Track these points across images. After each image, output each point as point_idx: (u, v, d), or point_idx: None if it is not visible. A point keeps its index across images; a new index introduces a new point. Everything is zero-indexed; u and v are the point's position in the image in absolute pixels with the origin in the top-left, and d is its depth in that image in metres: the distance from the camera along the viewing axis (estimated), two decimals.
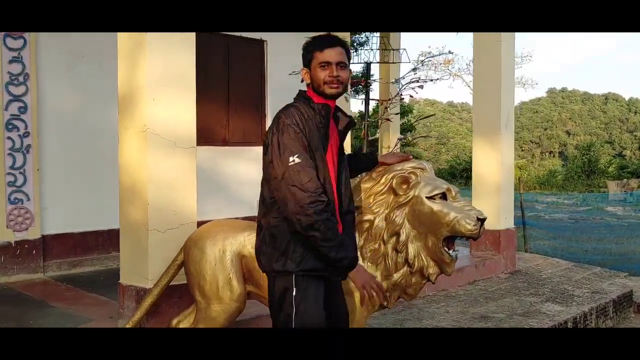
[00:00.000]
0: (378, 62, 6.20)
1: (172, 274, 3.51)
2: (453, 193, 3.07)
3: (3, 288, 5.20)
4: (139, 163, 3.78)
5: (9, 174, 5.41)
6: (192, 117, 3.90)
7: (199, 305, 3.25)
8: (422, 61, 6.12)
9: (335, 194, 2.55)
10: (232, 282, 3.13)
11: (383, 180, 3.11)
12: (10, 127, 5.41)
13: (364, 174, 3.19)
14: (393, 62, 7.16)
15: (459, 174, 27.77)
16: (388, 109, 6.46)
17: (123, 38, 3.87)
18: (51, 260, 5.69)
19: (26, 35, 5.46)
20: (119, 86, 3.92)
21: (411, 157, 3.20)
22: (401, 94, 6.61)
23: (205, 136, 6.63)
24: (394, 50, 6.91)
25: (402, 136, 6.48)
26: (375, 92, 11.91)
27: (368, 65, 6.80)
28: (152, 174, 3.72)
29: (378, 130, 7.41)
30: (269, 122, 7.60)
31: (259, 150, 7.30)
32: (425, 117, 6.28)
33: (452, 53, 7.81)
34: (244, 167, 7.19)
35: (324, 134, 2.44)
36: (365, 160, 3.10)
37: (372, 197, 3.11)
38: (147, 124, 3.69)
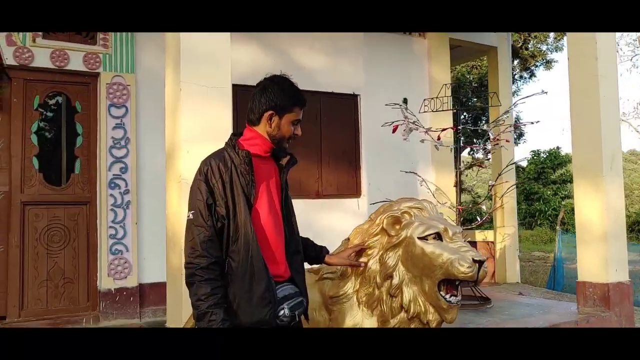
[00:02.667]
0: (459, 110, 5.99)
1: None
2: (450, 233, 2.88)
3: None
4: (178, 212, 4.04)
5: (111, 227, 6.04)
6: None
7: None
8: (515, 103, 5.74)
9: (280, 237, 2.52)
10: None
11: (378, 220, 3.03)
12: (112, 185, 6.08)
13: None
14: (469, 110, 6.88)
15: None
16: (476, 153, 6.20)
17: (168, 95, 4.23)
18: (147, 307, 6.16)
19: (128, 104, 6.17)
20: (165, 143, 4.27)
21: (366, 245, 2.97)
22: (496, 139, 6.32)
23: (297, 189, 6.86)
24: (493, 93, 6.65)
25: (493, 183, 6.13)
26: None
27: (456, 113, 6.63)
28: None
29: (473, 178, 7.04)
30: (364, 175, 7.69)
31: (352, 201, 7.41)
32: (512, 163, 5.73)
33: (546, 93, 7.24)
34: (338, 218, 7.25)
35: (250, 180, 2.39)
36: (312, 249, 2.90)
37: (367, 238, 3.03)
38: (182, 175, 3.96)
